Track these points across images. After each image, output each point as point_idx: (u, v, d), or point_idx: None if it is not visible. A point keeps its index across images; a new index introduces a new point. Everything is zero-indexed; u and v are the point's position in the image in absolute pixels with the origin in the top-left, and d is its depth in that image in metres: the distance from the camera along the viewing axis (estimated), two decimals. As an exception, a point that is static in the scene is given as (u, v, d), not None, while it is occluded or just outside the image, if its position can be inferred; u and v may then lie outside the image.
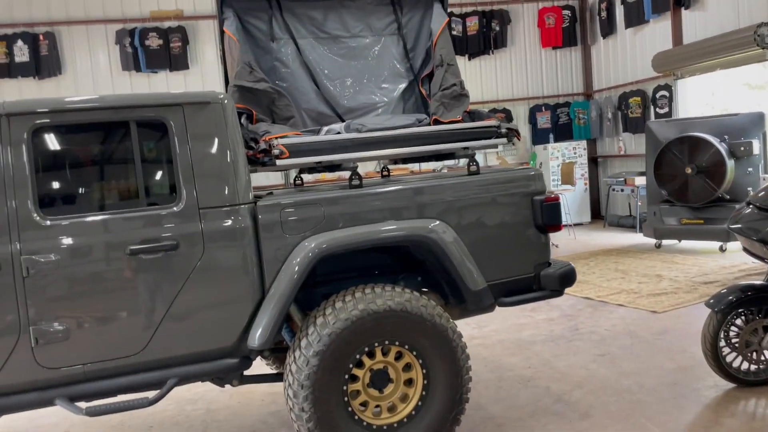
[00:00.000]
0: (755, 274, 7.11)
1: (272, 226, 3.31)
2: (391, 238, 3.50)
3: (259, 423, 4.34)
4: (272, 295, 3.26)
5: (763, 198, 4.10)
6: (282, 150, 3.47)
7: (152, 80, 11.97)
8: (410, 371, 3.48)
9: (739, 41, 9.12)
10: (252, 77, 3.98)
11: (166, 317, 3.14)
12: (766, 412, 3.90)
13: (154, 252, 3.11)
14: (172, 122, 3.21)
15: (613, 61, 12.88)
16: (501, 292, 3.79)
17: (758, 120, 8.85)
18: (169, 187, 3.27)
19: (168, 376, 3.16)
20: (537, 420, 4.03)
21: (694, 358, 4.73)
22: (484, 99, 13.28)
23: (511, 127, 4.13)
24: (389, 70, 4.63)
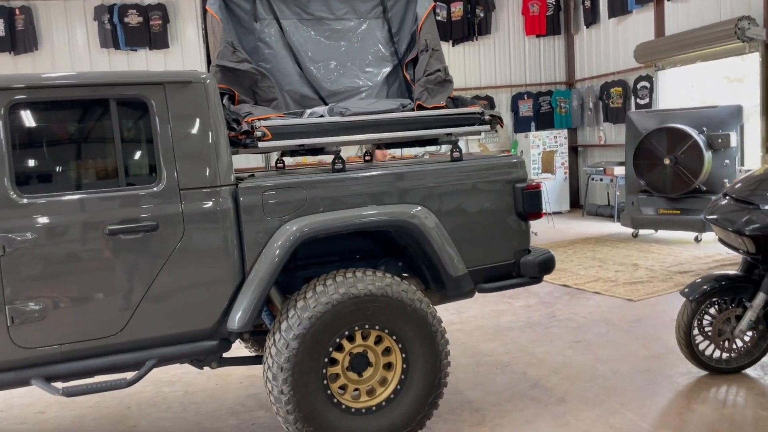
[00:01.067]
0: (729, 265, 7.24)
1: (253, 208, 3.29)
2: (372, 222, 3.50)
3: (238, 405, 4.34)
4: (253, 277, 3.25)
5: (739, 190, 4.17)
6: (264, 132, 3.44)
7: (131, 58, 11.78)
8: (389, 355, 3.50)
9: (720, 34, 9.21)
10: (235, 57, 3.93)
11: (144, 298, 3.11)
12: (737, 399, 3.99)
13: (133, 232, 3.08)
14: (153, 101, 3.16)
15: (595, 50, 12.93)
16: (481, 279, 3.82)
17: (736, 113, 8.97)
18: (149, 167, 3.23)
19: (146, 358, 3.14)
20: (514, 405, 4.08)
21: (667, 345, 4.82)
22: (467, 86, 13.27)
23: (494, 114, 4.14)
24: (373, 54, 4.59)
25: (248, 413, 4.20)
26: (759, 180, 4.18)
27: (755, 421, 3.67)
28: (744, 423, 3.65)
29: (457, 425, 3.84)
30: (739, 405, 3.89)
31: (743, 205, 4.03)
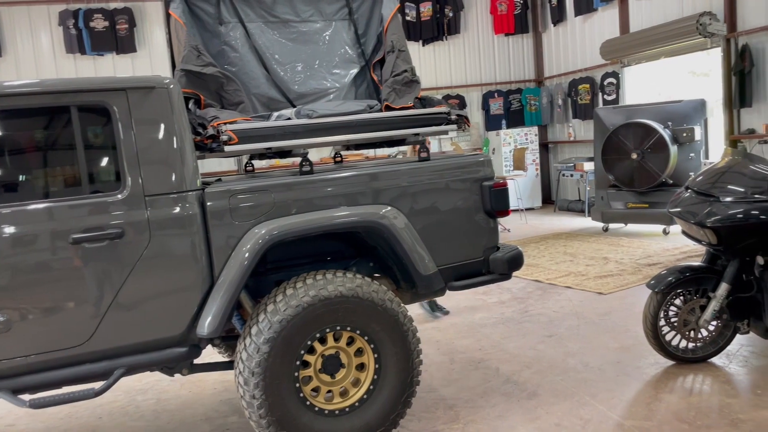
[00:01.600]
0: (696, 256, 7.40)
1: (221, 213, 3.28)
2: (341, 224, 3.50)
3: (211, 411, 4.32)
4: (222, 282, 3.24)
5: (700, 183, 4.26)
6: (230, 136, 3.43)
7: (98, 63, 11.62)
8: (362, 356, 3.52)
9: (682, 30, 9.40)
10: (200, 61, 3.90)
11: (112, 307, 3.08)
12: (703, 387, 4.08)
13: (98, 240, 3.05)
14: (116, 108, 3.13)
15: (563, 48, 13.10)
16: (451, 277, 3.85)
17: (700, 107, 9.16)
18: (113, 174, 3.19)
19: (115, 367, 3.11)
20: (486, 400, 4.12)
21: (636, 337, 4.91)
22: (439, 85, 13.35)
23: (460, 113, 4.17)
24: (340, 56, 4.60)
25: (222, 419, 4.18)
26: (719, 173, 4.28)
27: (720, 409, 3.75)
28: (710, 411, 3.74)
29: (431, 423, 3.87)
30: (705, 393, 3.98)
31: (704, 197, 4.12)
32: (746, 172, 4.18)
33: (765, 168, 4.15)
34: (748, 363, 4.39)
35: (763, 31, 8.56)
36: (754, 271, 4.15)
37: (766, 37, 8.59)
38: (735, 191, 4.06)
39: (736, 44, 8.98)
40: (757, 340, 4.63)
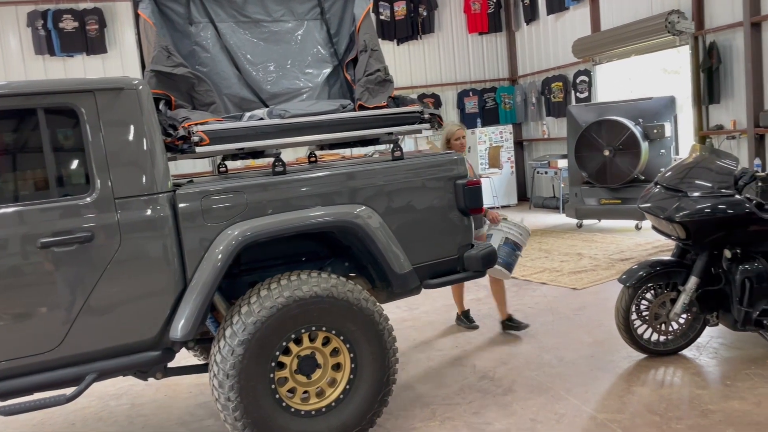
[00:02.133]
0: (668, 250, 7.51)
1: (193, 214, 3.25)
2: (315, 224, 3.50)
3: (187, 415, 4.28)
4: (194, 285, 3.21)
5: (669, 178, 4.34)
6: (202, 137, 3.40)
7: (68, 64, 11.44)
8: (338, 356, 3.52)
9: (652, 28, 9.55)
10: (170, 62, 3.86)
11: (82, 311, 3.04)
12: (674, 379, 4.15)
13: (67, 244, 3.01)
14: (84, 109, 3.09)
15: (536, 46, 13.21)
16: (426, 275, 3.87)
17: (669, 104, 9.31)
18: (82, 177, 3.15)
19: (86, 372, 3.07)
20: (463, 397, 4.15)
21: (609, 331, 4.98)
22: (414, 84, 13.38)
23: (433, 112, 4.19)
24: (313, 55, 4.59)
25: (197, 422, 4.15)
26: (687, 168, 4.36)
27: (691, 400, 3.82)
28: (680, 402, 3.81)
29: (408, 421, 3.88)
30: (675, 385, 4.06)
31: (673, 193, 4.20)
32: (713, 167, 4.26)
33: (731, 163, 4.24)
34: (717, 354, 4.48)
35: (731, 28, 8.73)
36: (722, 264, 4.24)
37: (733, 35, 8.76)
38: (702, 186, 4.14)
39: (704, 42, 9.14)
40: (726, 332, 4.72)
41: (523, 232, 5.17)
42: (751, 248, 4.15)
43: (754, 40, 8.36)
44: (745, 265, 4.11)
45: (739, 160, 4.40)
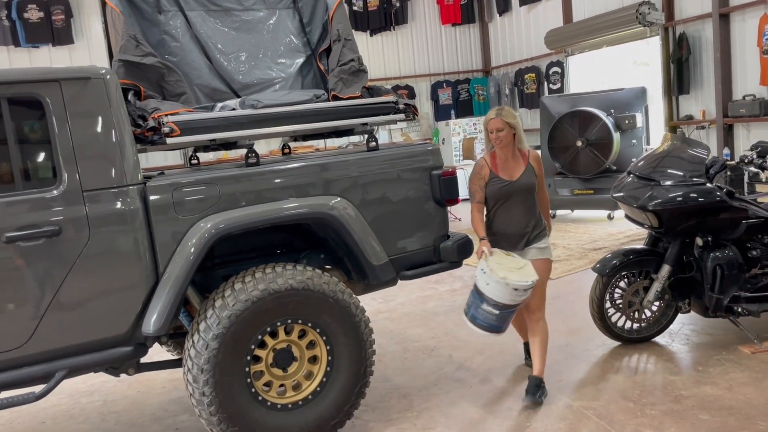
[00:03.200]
0: (640, 240, 7.61)
1: (164, 207, 3.18)
2: (290, 216, 3.46)
3: (160, 411, 4.22)
4: (167, 279, 3.15)
5: (642, 167, 4.38)
6: (172, 128, 3.32)
7: (33, 56, 11.16)
8: (314, 348, 3.49)
9: (623, 19, 9.64)
10: (138, 51, 3.77)
11: (51, 307, 2.96)
12: (647, 366, 4.21)
13: (34, 239, 2.92)
14: (49, 100, 3.00)
15: (509, 38, 13.26)
16: (403, 266, 3.85)
17: (641, 94, 9.41)
18: (49, 170, 3.06)
19: (55, 369, 2.99)
20: (440, 387, 4.15)
21: (584, 320, 5.02)
22: (387, 75, 13.34)
23: (408, 102, 4.16)
24: (286, 45, 4.52)
25: (172, 418, 4.09)
26: (659, 158, 4.40)
27: (664, 386, 3.88)
28: (654, 388, 3.86)
29: (385, 412, 3.87)
30: (649, 372, 4.11)
31: (645, 182, 4.24)
32: (685, 156, 4.32)
33: (702, 152, 4.30)
34: (689, 341, 4.55)
35: (700, 19, 8.85)
36: (693, 252, 4.30)
37: (702, 26, 8.89)
38: (674, 175, 4.19)
39: (674, 33, 9.26)
40: (698, 319, 4.80)
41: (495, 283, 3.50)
42: (722, 236, 4.22)
43: (723, 31, 8.49)
44: (716, 252, 4.17)
45: (710, 149, 4.46)
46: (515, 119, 3.76)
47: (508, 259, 3.71)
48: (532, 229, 3.82)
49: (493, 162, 3.84)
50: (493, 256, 3.65)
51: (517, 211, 3.81)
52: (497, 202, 3.83)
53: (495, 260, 3.62)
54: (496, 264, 3.59)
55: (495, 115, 3.76)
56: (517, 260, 3.71)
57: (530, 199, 3.83)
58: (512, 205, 3.81)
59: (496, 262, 3.61)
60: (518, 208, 3.81)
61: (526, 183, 3.80)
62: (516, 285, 3.49)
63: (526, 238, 3.82)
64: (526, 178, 3.80)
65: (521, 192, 3.80)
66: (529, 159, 3.86)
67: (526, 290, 3.53)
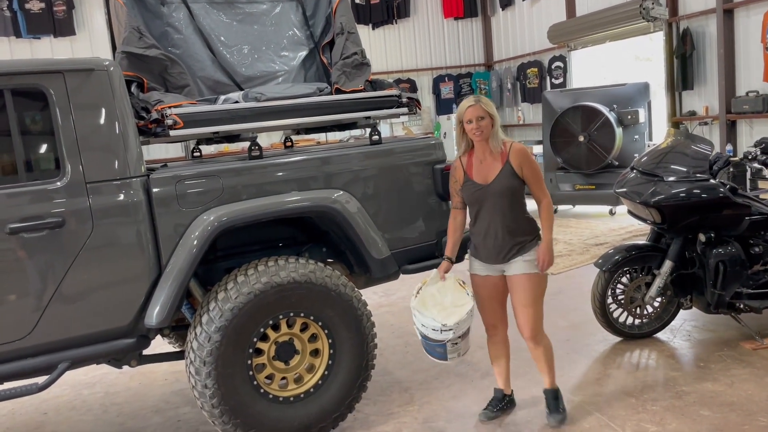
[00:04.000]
0: (641, 235, 7.61)
1: (167, 199, 3.18)
2: (292, 209, 3.45)
3: (162, 403, 4.22)
4: (170, 271, 3.15)
5: (645, 163, 4.37)
6: (176, 120, 3.32)
7: (35, 47, 11.13)
8: (316, 342, 3.49)
9: (626, 14, 9.60)
10: (142, 43, 3.76)
11: (53, 299, 2.96)
12: (649, 362, 4.21)
13: (37, 230, 2.92)
14: (53, 91, 2.99)
15: (512, 32, 13.21)
16: (405, 260, 3.85)
17: (644, 90, 9.39)
18: (52, 161, 3.05)
19: (58, 360, 3.00)
20: (441, 382, 4.16)
21: (585, 315, 5.02)
22: (389, 69, 13.31)
23: (411, 96, 4.16)
24: (289, 38, 4.51)
25: (173, 410, 4.10)
26: (663, 153, 4.40)
27: (666, 382, 3.88)
28: (655, 384, 3.86)
29: (386, 406, 3.88)
30: (650, 368, 4.11)
31: (648, 177, 4.23)
32: (688, 152, 4.31)
33: (706, 148, 4.29)
34: (691, 337, 4.56)
35: (704, 15, 8.81)
36: (696, 248, 4.29)
37: (706, 21, 8.85)
38: (678, 171, 4.18)
39: (677, 28, 9.22)
40: (700, 315, 4.80)
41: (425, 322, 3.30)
42: (725, 232, 4.22)
43: (727, 27, 8.46)
44: (718, 249, 4.17)
45: (714, 145, 4.45)
46: (494, 109, 3.35)
47: (452, 290, 3.36)
48: (512, 240, 3.28)
49: (469, 162, 3.37)
50: (432, 285, 3.37)
51: (494, 220, 3.29)
52: (473, 209, 3.39)
53: (430, 290, 3.35)
54: (430, 295, 3.34)
55: (474, 101, 3.29)
56: (461, 295, 3.33)
57: (509, 204, 3.28)
58: (488, 212, 3.31)
59: (430, 293, 3.34)
60: (495, 216, 3.28)
61: (501, 187, 3.25)
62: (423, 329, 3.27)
63: (507, 250, 3.29)
64: (501, 181, 3.26)
65: (495, 197, 3.27)
66: (509, 156, 3.27)
67: (442, 331, 3.23)
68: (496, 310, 3.50)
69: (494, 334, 3.55)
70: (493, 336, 3.56)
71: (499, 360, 3.63)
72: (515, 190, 3.30)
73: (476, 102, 3.29)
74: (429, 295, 3.35)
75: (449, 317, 3.24)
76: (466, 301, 3.32)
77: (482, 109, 3.26)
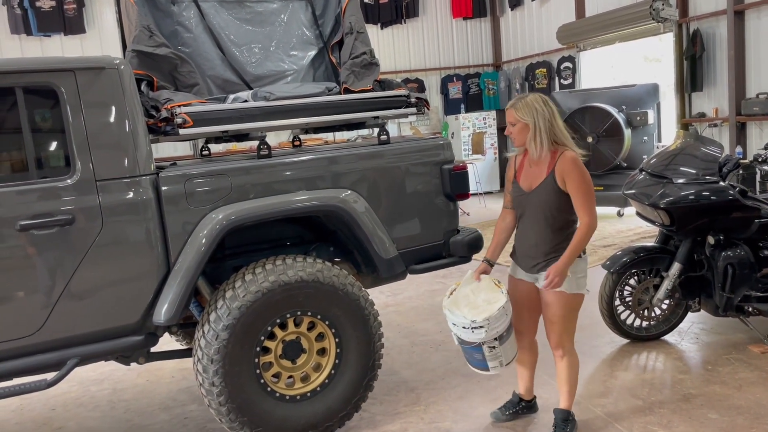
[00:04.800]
0: (649, 237, 7.59)
1: (176, 197, 3.19)
2: (301, 208, 3.46)
3: (169, 400, 4.24)
4: (178, 269, 3.16)
5: (654, 165, 4.35)
6: (185, 119, 3.34)
7: (45, 44, 11.18)
8: (323, 341, 3.50)
9: (636, 15, 9.55)
10: (152, 42, 3.78)
11: (63, 295, 2.98)
12: (656, 364, 4.20)
13: (47, 227, 2.94)
14: (64, 89, 3.01)
15: (520, 32, 13.18)
16: (412, 260, 3.85)
17: (653, 91, 9.35)
18: (62, 159, 3.08)
19: (67, 357, 3.02)
20: (447, 382, 4.16)
21: (593, 316, 5.00)
22: (397, 68, 13.29)
23: (420, 96, 4.16)
24: (298, 37, 4.52)
25: (180, 407, 4.12)
26: (672, 155, 4.38)
27: (673, 384, 3.87)
28: (663, 386, 3.85)
29: (393, 405, 3.88)
30: (658, 370, 4.10)
31: (658, 179, 4.22)
32: (698, 154, 4.29)
33: (716, 150, 4.27)
34: (699, 340, 4.54)
35: (714, 16, 8.76)
36: (705, 250, 4.27)
37: (716, 22, 8.80)
38: (687, 173, 4.16)
39: (687, 29, 9.17)
40: (708, 318, 4.78)
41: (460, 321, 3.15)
42: (734, 235, 4.19)
43: (737, 28, 8.41)
44: (727, 251, 4.15)
45: (724, 147, 4.43)
46: (535, 113, 3.03)
47: (487, 289, 3.23)
48: (545, 253, 3.12)
49: (522, 163, 3.21)
50: (466, 286, 3.25)
51: (533, 228, 3.14)
52: (517, 211, 3.26)
53: (464, 291, 3.24)
54: (463, 296, 3.23)
55: (510, 104, 3.14)
56: (494, 294, 3.19)
57: (547, 218, 3.08)
58: (527, 220, 3.17)
59: (464, 294, 3.23)
60: (532, 226, 3.14)
61: (539, 200, 3.08)
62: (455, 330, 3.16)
63: (537, 262, 3.16)
64: (541, 192, 3.07)
65: (534, 207, 3.11)
66: (555, 165, 3.03)
67: (473, 330, 3.09)
68: (524, 317, 3.34)
69: (520, 340, 3.41)
70: (519, 341, 3.41)
71: (523, 365, 3.53)
72: (556, 203, 3.05)
73: (511, 105, 3.13)
74: (462, 296, 3.22)
75: (480, 314, 3.09)
76: (498, 298, 3.15)
77: (512, 115, 3.10)
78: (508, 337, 3.22)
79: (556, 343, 3.25)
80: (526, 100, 3.09)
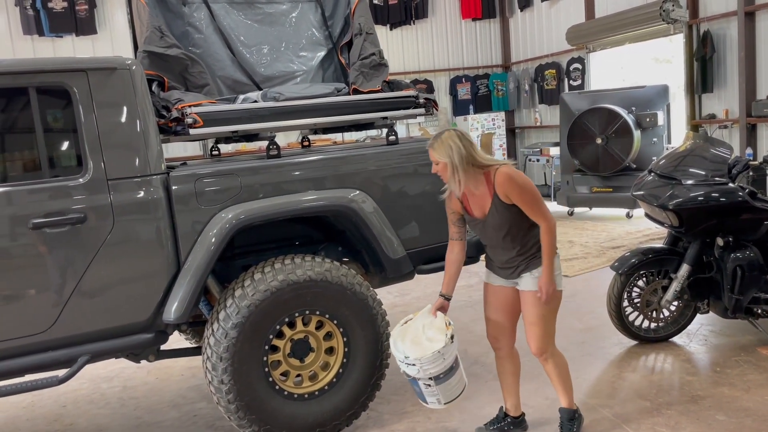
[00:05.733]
0: (658, 238, 7.56)
1: (187, 197, 3.23)
2: (310, 208, 3.48)
3: (179, 398, 4.28)
4: (188, 267, 3.20)
5: (663, 166, 4.35)
6: (195, 119, 3.37)
7: (57, 45, 11.27)
8: (331, 340, 3.52)
9: (646, 16, 9.53)
10: (163, 42, 3.82)
11: (74, 293, 3.02)
12: (664, 366, 4.19)
13: (59, 225, 2.98)
14: (76, 89, 3.05)
15: (530, 33, 13.16)
16: (420, 260, 3.87)
17: (663, 92, 9.31)
18: (74, 158, 3.12)
19: (79, 354, 3.05)
20: (455, 382, 4.16)
21: (601, 318, 5.01)
22: (406, 69, 13.30)
23: (428, 97, 4.17)
24: (307, 38, 4.55)
25: (190, 405, 4.15)
26: (681, 156, 4.37)
27: (681, 386, 3.86)
28: (671, 388, 3.84)
29: (400, 405, 3.90)
30: (666, 371, 4.09)
31: (667, 180, 4.21)
32: (707, 155, 4.28)
33: (725, 151, 4.25)
34: (707, 342, 4.52)
35: (725, 17, 8.72)
36: (713, 252, 4.26)
37: (727, 24, 8.76)
38: (696, 174, 4.15)
39: (698, 30, 9.13)
40: (716, 320, 4.76)
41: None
42: (743, 236, 4.18)
43: (748, 30, 8.37)
44: (736, 253, 4.13)
45: (733, 149, 4.41)
46: (451, 151, 2.95)
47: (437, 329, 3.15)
48: (518, 261, 3.15)
49: (464, 194, 3.13)
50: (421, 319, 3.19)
51: (499, 247, 3.18)
52: (480, 239, 3.28)
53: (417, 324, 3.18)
54: (414, 328, 3.18)
55: (428, 145, 3.06)
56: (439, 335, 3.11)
57: (509, 232, 3.10)
58: (493, 242, 3.19)
59: (415, 326, 3.18)
60: (500, 245, 3.16)
61: (495, 221, 3.07)
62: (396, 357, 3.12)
63: (515, 267, 3.17)
64: (494, 214, 3.06)
65: (494, 230, 3.12)
66: (494, 187, 3.02)
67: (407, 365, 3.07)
68: (500, 322, 3.33)
69: (498, 348, 3.39)
70: (497, 350, 3.41)
71: (504, 376, 3.45)
72: (512, 219, 3.07)
73: (429, 146, 3.05)
74: (413, 329, 3.19)
75: (415, 352, 3.06)
76: (439, 340, 3.09)
77: (431, 155, 3.03)
78: (446, 379, 3.16)
79: (538, 348, 3.22)
80: (441, 139, 3.02)
